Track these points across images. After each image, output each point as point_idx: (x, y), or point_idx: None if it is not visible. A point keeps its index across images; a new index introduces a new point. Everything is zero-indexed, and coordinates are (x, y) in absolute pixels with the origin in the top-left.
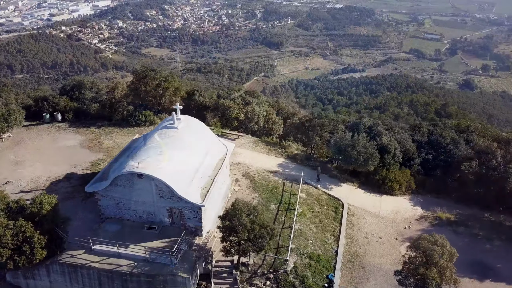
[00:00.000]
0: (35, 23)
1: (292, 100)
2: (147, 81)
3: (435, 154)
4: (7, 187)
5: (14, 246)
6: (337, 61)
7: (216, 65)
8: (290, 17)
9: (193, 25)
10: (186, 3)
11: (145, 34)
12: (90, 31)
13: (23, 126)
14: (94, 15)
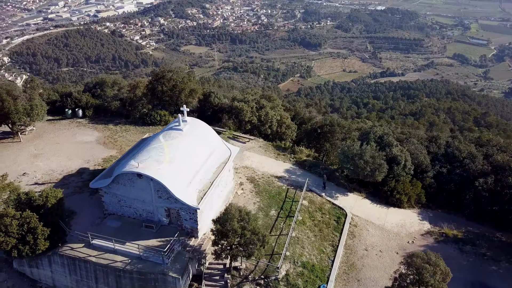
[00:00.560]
0: (82, 18)
1: (327, 102)
2: (164, 81)
3: (450, 168)
4: (23, 178)
5: (19, 236)
6: (375, 64)
7: (252, 64)
8: (330, 18)
9: (232, 24)
10: (227, 2)
11: (185, 32)
12: (132, 28)
13: (47, 120)
14: (138, 12)
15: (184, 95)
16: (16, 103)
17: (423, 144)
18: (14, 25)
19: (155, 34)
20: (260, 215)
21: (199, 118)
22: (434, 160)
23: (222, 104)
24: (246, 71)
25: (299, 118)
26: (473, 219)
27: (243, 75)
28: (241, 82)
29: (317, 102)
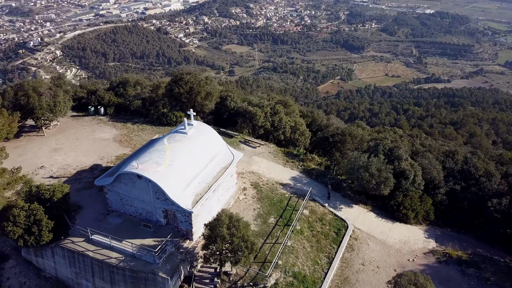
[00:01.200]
0: (131, 15)
1: (366, 106)
2: (181, 84)
3: (465, 185)
4: (40, 171)
5: (26, 226)
6: (420, 69)
7: (292, 65)
8: (375, 21)
9: (275, 24)
10: (271, 2)
11: (227, 31)
12: (177, 26)
13: (71, 116)
14: (183, 10)
15: (200, 98)
16: (41, 99)
17: (439, 159)
18: (68, 20)
19: (199, 32)
20: (258, 222)
21: (215, 121)
22: (448, 176)
23: (238, 107)
24: (286, 71)
25: (316, 125)
26: (484, 241)
27: (282, 76)
28: (280, 82)
29: (356, 106)
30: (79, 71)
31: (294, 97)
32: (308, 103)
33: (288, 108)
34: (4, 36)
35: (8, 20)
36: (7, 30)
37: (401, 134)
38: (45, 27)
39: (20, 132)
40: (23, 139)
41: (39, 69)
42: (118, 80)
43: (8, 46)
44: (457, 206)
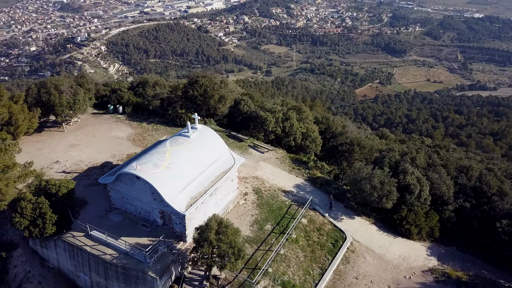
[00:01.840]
0: (174, 13)
1: (403, 112)
2: (196, 86)
3: (475, 203)
4: (55, 165)
5: (32, 218)
6: (464, 75)
7: (330, 67)
8: (419, 24)
9: (315, 25)
10: (312, 3)
11: (267, 31)
12: (218, 24)
13: (92, 114)
14: (225, 9)
15: (214, 101)
16: (61, 97)
17: (451, 174)
18: (114, 17)
19: (238, 32)
20: (254, 228)
21: (229, 124)
22: (459, 193)
23: (251, 112)
24: (323, 73)
25: (330, 132)
26: (491, 263)
27: (320, 78)
28: (316, 84)
29: (393, 111)
30: (122, 66)
31: (330, 100)
32: (344, 106)
33: (301, 114)
34: (55, 31)
35: (60, 15)
36: (58, 25)
37: (419, 146)
38: (92, 23)
39: (43, 127)
40: (45, 134)
41: (85, 63)
42: (138, 80)
43: (58, 40)
44: (466, 224)
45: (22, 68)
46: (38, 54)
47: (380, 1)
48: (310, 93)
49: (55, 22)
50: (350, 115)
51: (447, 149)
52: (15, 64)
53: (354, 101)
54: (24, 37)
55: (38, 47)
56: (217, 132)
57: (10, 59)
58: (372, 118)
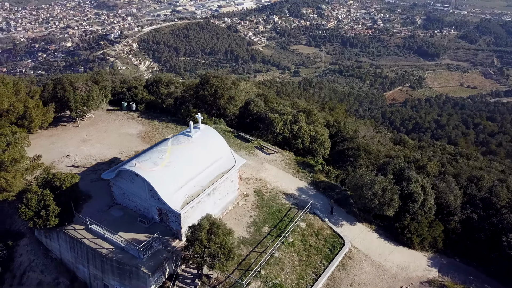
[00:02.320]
0: (205, 12)
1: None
2: (207, 86)
3: (483, 215)
4: (65, 159)
5: (36, 210)
6: (500, 81)
7: (359, 69)
8: (454, 27)
9: (346, 26)
10: (344, 4)
11: (296, 31)
12: (248, 24)
13: (106, 110)
14: (255, 9)
15: (223, 101)
16: (75, 93)
17: (461, 183)
18: (147, 15)
19: (268, 32)
20: (251, 229)
21: (239, 125)
22: (467, 203)
23: (261, 113)
24: (352, 75)
25: (341, 136)
26: (496, 277)
27: (348, 79)
28: (345, 86)
29: (422, 116)
30: (152, 63)
31: (358, 102)
32: (372, 109)
33: (311, 117)
34: (90, 28)
35: (95, 13)
36: (93, 22)
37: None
38: (126, 20)
39: (59, 122)
40: (60, 128)
41: (117, 60)
42: (153, 78)
43: (92, 37)
44: (472, 236)
45: (57, 63)
46: (73, 50)
47: (414, 3)
48: (338, 95)
49: (91, 19)
50: (377, 119)
51: (468, 157)
52: (51, 59)
53: (382, 104)
54: (61, 33)
55: (74, 43)
56: (226, 132)
57: (47, 54)
58: (400, 123)
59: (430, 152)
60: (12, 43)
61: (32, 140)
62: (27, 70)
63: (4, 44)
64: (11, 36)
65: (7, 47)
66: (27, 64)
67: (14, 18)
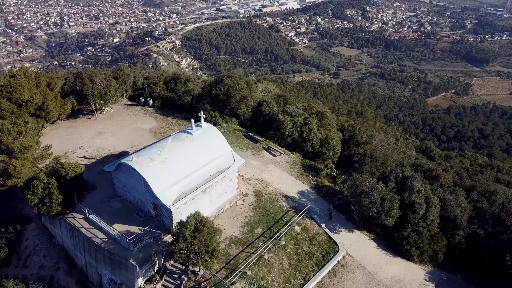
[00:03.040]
0: (248, 11)
1: (477, 126)
2: (220, 85)
3: (492, 231)
4: (78, 150)
5: (41, 197)
6: None
7: (402, 73)
8: (507, 33)
9: (391, 29)
10: (390, 6)
11: (338, 33)
12: (289, 24)
13: (125, 105)
14: (298, 9)
15: (235, 101)
16: (94, 87)
17: (471, 197)
18: (191, 13)
19: (309, 32)
20: (244, 229)
21: (251, 125)
22: (475, 218)
23: (273, 114)
24: (394, 79)
25: (354, 141)
26: None
27: (389, 83)
28: (385, 90)
29: (465, 124)
30: (193, 61)
31: (398, 107)
32: (413, 114)
33: (324, 120)
34: (137, 25)
35: (142, 10)
36: (140, 19)
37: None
38: (171, 18)
39: (79, 114)
40: (79, 120)
41: (159, 56)
42: (171, 76)
43: (138, 33)
44: (477, 253)
45: (104, 57)
46: (119, 45)
47: (465, 6)
48: (377, 99)
49: (138, 16)
50: (417, 125)
51: (499, 170)
52: (99, 53)
53: (424, 110)
54: (110, 29)
55: (120, 39)
56: (236, 131)
57: (95, 49)
58: (440, 130)
59: (456, 162)
60: (65, 37)
61: (52, 130)
62: (76, 63)
63: (57, 38)
64: (64, 31)
65: (60, 41)
66: (77, 57)
67: (68, 13)
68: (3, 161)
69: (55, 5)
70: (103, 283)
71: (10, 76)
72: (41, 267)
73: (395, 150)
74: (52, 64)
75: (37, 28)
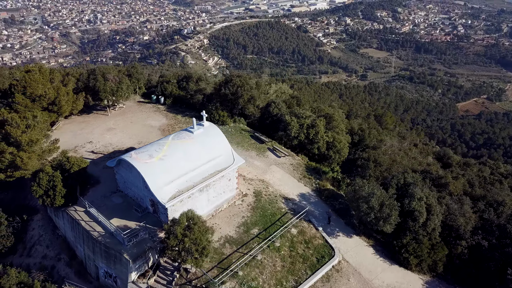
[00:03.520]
0: (277, 11)
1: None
2: (228, 85)
3: (495, 243)
4: (87, 145)
5: (46, 189)
6: None
7: (432, 77)
8: None
9: (422, 31)
10: (422, 8)
11: (367, 34)
12: (318, 25)
13: (138, 102)
14: (328, 10)
15: (243, 101)
16: (106, 84)
17: (478, 206)
18: (220, 12)
19: (338, 33)
20: (240, 230)
21: (259, 125)
22: (480, 229)
23: (281, 114)
24: (423, 82)
25: (363, 145)
26: None
27: (418, 87)
28: (413, 93)
29: (496, 131)
30: (220, 60)
31: (427, 111)
32: (441, 119)
33: (332, 123)
34: (167, 23)
35: (173, 8)
36: (170, 18)
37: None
38: (200, 17)
39: (93, 110)
40: (92, 116)
41: (187, 54)
42: (183, 74)
43: (167, 31)
44: (480, 265)
45: (134, 54)
46: (149, 43)
47: (501, 9)
48: (405, 102)
49: (168, 14)
50: (445, 130)
51: None
52: (129, 50)
53: (453, 116)
54: (140, 27)
55: (150, 37)
56: (243, 131)
57: (126, 46)
58: (470, 136)
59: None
60: (97, 34)
61: (65, 125)
62: (107, 60)
63: (90, 35)
64: (96, 28)
65: (92, 37)
66: (108, 54)
67: (101, 11)
68: (12, 153)
69: (89, 2)
70: (100, 276)
71: (26, 71)
72: (44, 257)
73: (406, 156)
74: (84, 60)
75: (71, 25)
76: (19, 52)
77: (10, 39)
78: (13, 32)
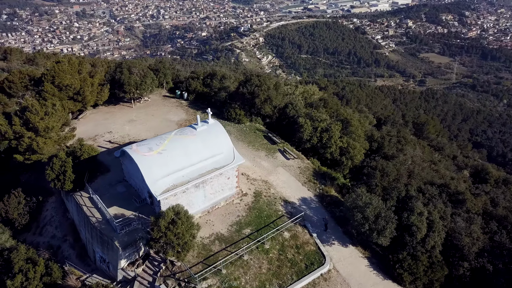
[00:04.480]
0: (336, 12)
1: None
2: (247, 85)
3: (502, 268)
4: (107, 135)
5: (58, 173)
6: None
7: (497, 86)
8: None
9: (491, 37)
10: (492, 12)
11: (430, 38)
12: (377, 27)
13: (163, 96)
14: (389, 11)
15: (259, 101)
16: (130, 77)
17: (490, 227)
18: (279, 11)
19: (398, 36)
20: (232, 228)
21: (276, 126)
22: (487, 251)
23: (296, 117)
24: (487, 91)
25: (382, 153)
26: None
27: (481, 96)
28: (475, 102)
29: None
30: (274, 58)
31: (488, 122)
32: (504, 132)
33: (349, 128)
34: (225, 20)
35: (232, 6)
36: (228, 15)
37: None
38: (258, 15)
39: (119, 101)
40: (117, 107)
41: (242, 52)
42: (208, 71)
43: (224, 28)
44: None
45: (191, 50)
46: (206, 39)
47: None
48: (464, 111)
49: (227, 12)
50: (507, 144)
51: None
52: (187, 46)
53: None
54: (200, 23)
55: (208, 33)
56: (257, 131)
57: (184, 41)
58: None
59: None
60: (159, 29)
61: (91, 114)
62: (166, 54)
63: (152, 29)
64: (158, 23)
65: (154, 32)
66: (167, 48)
67: (164, 7)
68: (30, 137)
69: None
70: (96, 260)
71: (56, 62)
72: (52, 237)
73: (428, 168)
74: (145, 54)
75: (136, 19)
76: (87, 44)
77: (80, 31)
78: (83, 25)
